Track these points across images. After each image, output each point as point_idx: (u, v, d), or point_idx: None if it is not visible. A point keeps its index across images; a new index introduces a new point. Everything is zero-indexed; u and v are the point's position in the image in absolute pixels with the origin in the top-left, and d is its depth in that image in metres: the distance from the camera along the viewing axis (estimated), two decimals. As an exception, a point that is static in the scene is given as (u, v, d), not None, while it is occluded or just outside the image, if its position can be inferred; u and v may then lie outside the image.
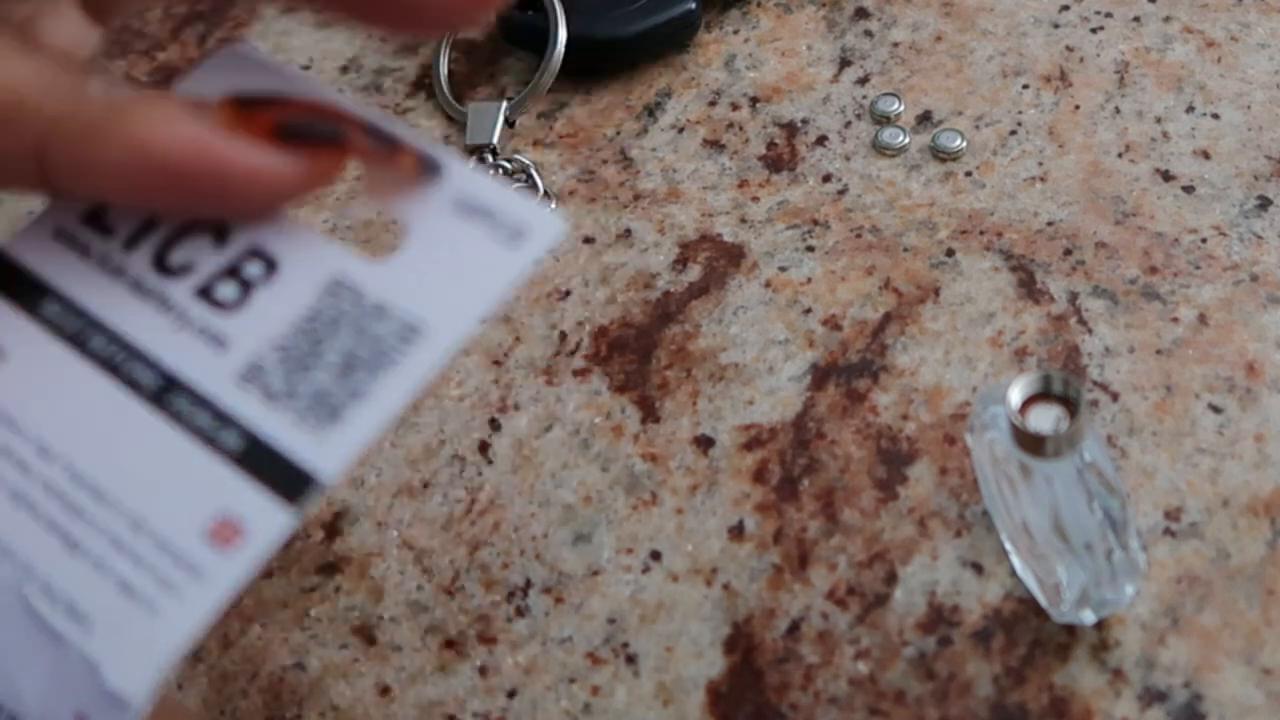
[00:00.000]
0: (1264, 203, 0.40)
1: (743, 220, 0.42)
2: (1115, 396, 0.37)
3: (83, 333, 0.22)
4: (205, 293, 0.22)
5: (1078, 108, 0.43)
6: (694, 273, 0.41)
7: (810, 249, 0.41)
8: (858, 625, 0.33)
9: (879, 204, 0.42)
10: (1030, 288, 0.39)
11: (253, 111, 0.23)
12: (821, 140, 0.44)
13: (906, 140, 0.43)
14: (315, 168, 0.23)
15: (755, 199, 0.42)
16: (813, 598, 0.34)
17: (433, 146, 0.23)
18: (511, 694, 0.34)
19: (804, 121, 0.44)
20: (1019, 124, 0.43)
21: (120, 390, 0.21)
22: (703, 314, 0.40)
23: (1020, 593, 0.33)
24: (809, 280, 0.40)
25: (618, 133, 0.45)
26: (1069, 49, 0.45)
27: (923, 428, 0.37)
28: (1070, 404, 0.29)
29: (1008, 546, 0.33)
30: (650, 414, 0.38)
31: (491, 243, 0.22)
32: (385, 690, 0.34)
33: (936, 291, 0.39)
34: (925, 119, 0.44)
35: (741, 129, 0.44)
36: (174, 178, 0.22)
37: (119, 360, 0.21)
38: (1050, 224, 0.41)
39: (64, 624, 0.20)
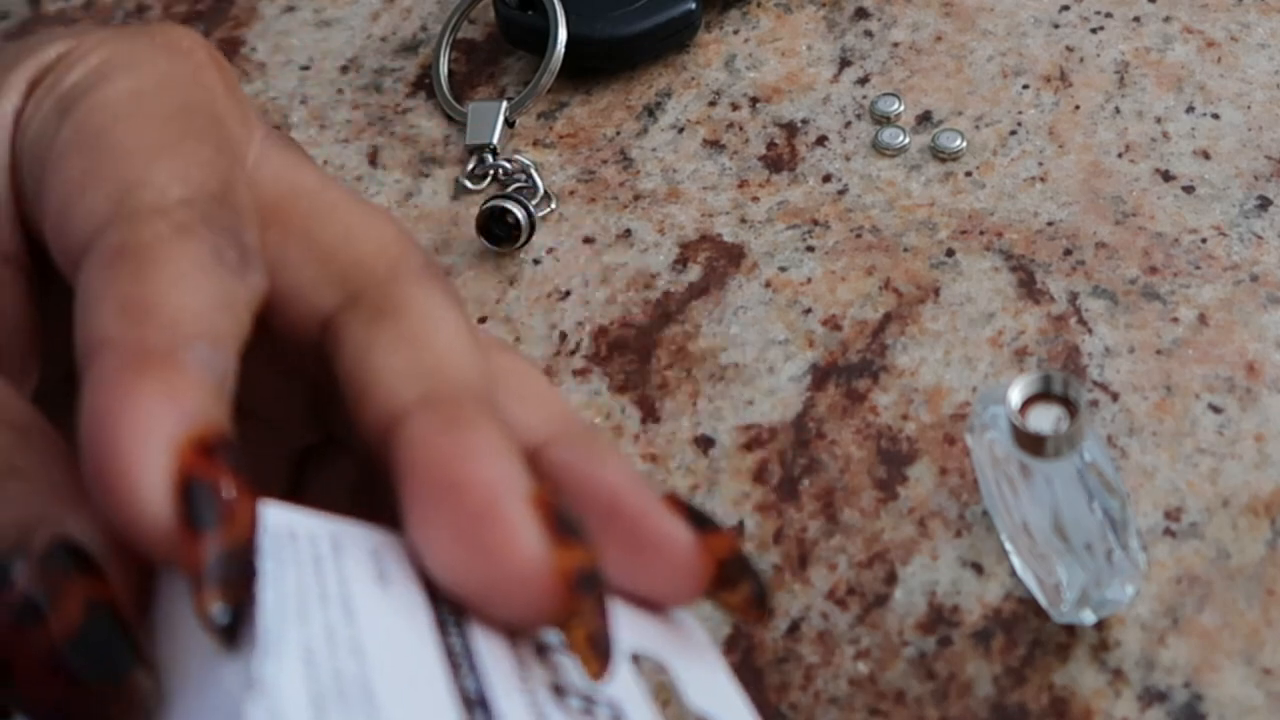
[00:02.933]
0: (1264, 203, 0.40)
1: (743, 220, 0.42)
2: (1115, 396, 0.37)
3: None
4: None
5: (1078, 108, 0.43)
6: (694, 273, 0.41)
7: (810, 249, 0.41)
8: (858, 625, 0.33)
9: (879, 204, 0.42)
10: (1030, 288, 0.39)
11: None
12: (821, 140, 0.44)
13: (906, 140, 0.43)
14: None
15: (755, 199, 0.42)
16: (813, 598, 0.34)
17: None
18: (511, 694, 0.34)
19: (804, 121, 0.44)
20: (1019, 124, 0.43)
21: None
22: (703, 314, 0.40)
23: (1020, 593, 0.33)
24: (809, 280, 0.40)
25: (618, 133, 0.45)
26: (1069, 49, 0.45)
27: (923, 428, 0.37)
28: (1070, 404, 0.29)
29: (1008, 546, 0.33)
30: (650, 414, 0.38)
31: None
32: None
33: (936, 291, 0.39)
34: (925, 119, 0.44)
35: (741, 129, 0.44)
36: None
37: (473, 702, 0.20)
38: (1050, 224, 0.41)
39: None
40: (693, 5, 0.45)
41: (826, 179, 0.43)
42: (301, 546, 0.20)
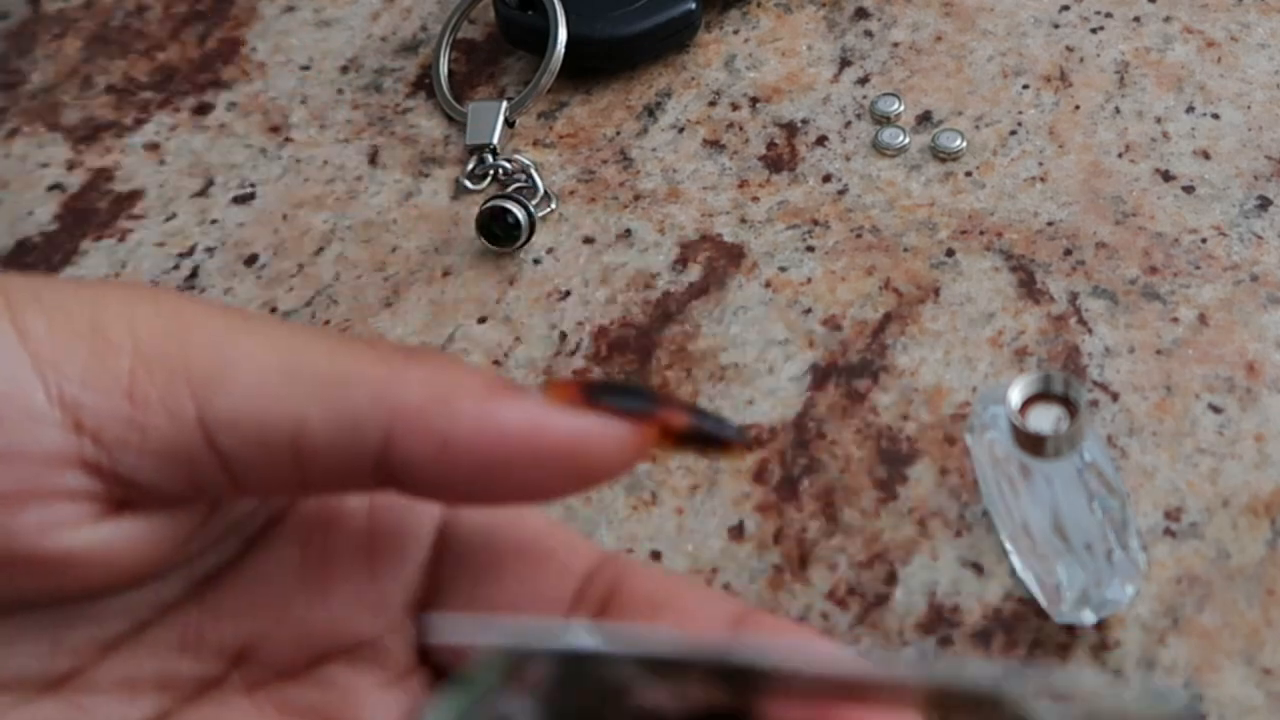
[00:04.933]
0: (1264, 203, 0.40)
1: (743, 220, 0.42)
2: (1115, 396, 0.37)
3: None
4: None
5: (1078, 108, 0.43)
6: (694, 273, 0.41)
7: (810, 249, 0.41)
8: (858, 625, 0.33)
9: (879, 204, 0.42)
10: (1030, 288, 0.39)
11: (563, 386, 0.23)
12: (821, 140, 0.44)
13: (906, 140, 0.43)
14: (641, 435, 0.23)
15: (755, 199, 0.42)
16: (813, 598, 0.34)
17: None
18: (511, 694, 0.34)
19: (804, 121, 0.44)
20: (1019, 124, 0.43)
21: None
22: (703, 314, 0.40)
23: (1020, 593, 0.33)
24: (809, 280, 0.40)
25: (618, 133, 0.45)
26: (1069, 49, 0.45)
27: (923, 428, 0.37)
28: (1070, 404, 0.29)
29: (1008, 546, 0.33)
30: (650, 414, 0.38)
31: None
32: (385, 690, 0.34)
33: (936, 291, 0.39)
34: (925, 119, 0.44)
35: (741, 129, 0.44)
36: (523, 450, 0.22)
37: None
38: (1050, 224, 0.41)
39: None
40: (693, 5, 0.45)
41: (826, 179, 0.43)
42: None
